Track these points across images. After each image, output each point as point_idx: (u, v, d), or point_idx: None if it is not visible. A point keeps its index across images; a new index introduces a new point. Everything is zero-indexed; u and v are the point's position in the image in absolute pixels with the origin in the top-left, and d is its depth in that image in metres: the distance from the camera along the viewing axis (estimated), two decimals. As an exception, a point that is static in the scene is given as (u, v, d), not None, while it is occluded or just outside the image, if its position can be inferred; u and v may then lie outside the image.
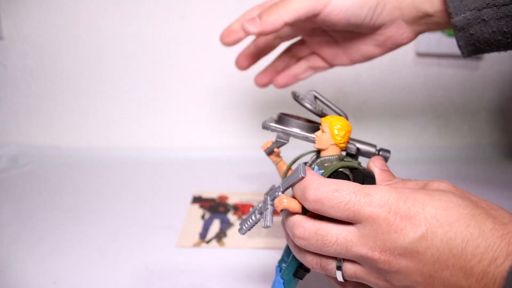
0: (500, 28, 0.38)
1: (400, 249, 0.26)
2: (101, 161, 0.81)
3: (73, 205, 0.64)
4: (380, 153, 0.39)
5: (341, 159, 0.35)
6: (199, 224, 0.59)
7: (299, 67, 0.51)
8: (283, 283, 0.37)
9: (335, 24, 0.41)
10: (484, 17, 0.38)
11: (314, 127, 0.38)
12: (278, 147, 0.38)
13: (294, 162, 0.39)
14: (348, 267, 0.29)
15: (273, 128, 0.38)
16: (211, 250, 0.53)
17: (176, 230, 0.57)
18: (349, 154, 0.38)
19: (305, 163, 0.36)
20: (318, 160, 0.36)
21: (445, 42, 0.79)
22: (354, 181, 0.34)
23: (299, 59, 0.52)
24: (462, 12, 0.39)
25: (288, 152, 0.43)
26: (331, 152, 0.35)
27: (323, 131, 0.36)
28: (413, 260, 0.26)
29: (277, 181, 0.37)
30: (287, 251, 0.39)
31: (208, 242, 0.55)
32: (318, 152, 0.36)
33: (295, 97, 0.39)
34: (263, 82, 0.52)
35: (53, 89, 0.83)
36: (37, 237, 0.55)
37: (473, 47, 0.40)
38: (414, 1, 0.41)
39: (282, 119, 0.38)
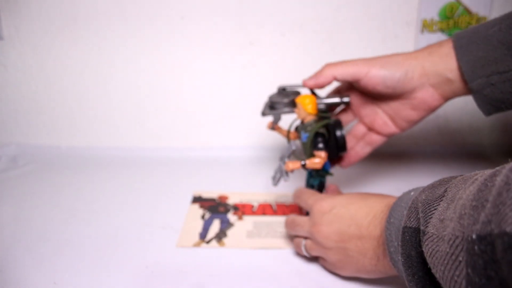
0: (506, 90, 0.47)
1: (323, 221, 0.45)
2: (101, 161, 0.81)
3: (73, 205, 0.64)
4: (344, 99, 0.55)
5: (316, 120, 0.51)
6: (199, 224, 0.59)
7: (358, 146, 0.59)
8: None
9: (375, 86, 0.51)
10: (492, 82, 0.47)
11: (293, 102, 0.54)
12: (276, 123, 0.56)
13: (289, 127, 0.56)
14: (307, 242, 0.48)
15: (268, 113, 0.55)
16: (211, 250, 0.53)
17: (176, 230, 0.57)
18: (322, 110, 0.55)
19: (296, 128, 0.56)
20: (303, 126, 0.52)
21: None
22: (328, 135, 0.51)
23: (358, 139, 0.59)
24: (475, 79, 0.48)
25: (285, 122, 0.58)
26: (309, 118, 0.52)
27: (298, 109, 0.52)
28: (330, 226, 0.45)
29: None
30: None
31: (208, 242, 0.55)
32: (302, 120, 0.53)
33: (271, 110, 0.55)
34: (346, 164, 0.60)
35: (53, 89, 0.83)
36: (37, 237, 0.55)
37: (489, 106, 0.49)
38: (437, 69, 0.50)
39: (272, 105, 0.56)
